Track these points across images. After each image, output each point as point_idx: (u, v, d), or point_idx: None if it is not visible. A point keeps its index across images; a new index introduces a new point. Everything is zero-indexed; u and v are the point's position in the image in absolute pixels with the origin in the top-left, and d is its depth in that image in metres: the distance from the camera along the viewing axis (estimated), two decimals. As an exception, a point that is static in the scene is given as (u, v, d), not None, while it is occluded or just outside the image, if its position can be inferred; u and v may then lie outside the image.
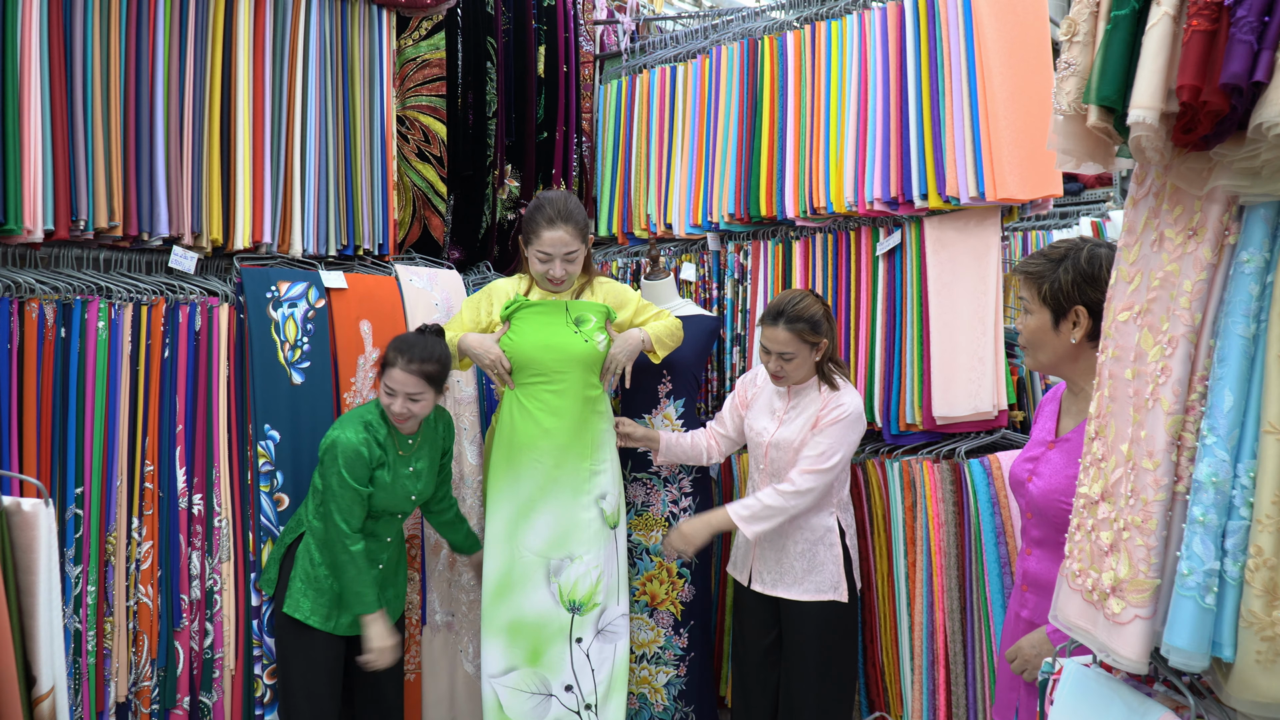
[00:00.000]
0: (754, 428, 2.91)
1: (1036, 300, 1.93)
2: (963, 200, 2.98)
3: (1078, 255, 1.89)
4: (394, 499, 2.73)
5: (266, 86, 3.01)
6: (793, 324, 2.76)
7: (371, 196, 3.29)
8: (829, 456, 2.72)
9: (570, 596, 2.80)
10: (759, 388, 3.00)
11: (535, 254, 2.89)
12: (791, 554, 2.78)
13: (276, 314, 2.94)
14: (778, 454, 2.81)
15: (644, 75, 3.96)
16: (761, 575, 2.84)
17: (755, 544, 2.84)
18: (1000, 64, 2.96)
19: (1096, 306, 1.84)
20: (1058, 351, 1.93)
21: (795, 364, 2.79)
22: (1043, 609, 1.97)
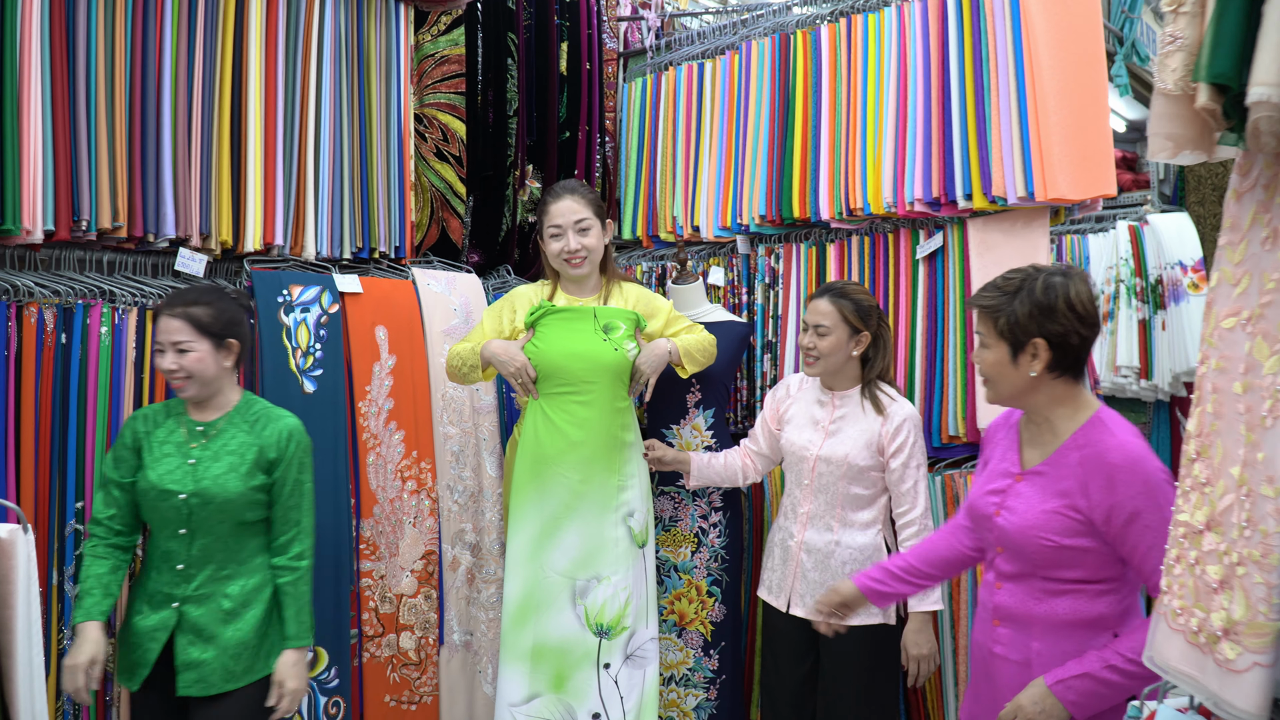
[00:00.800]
0: (796, 441, 2.72)
1: (993, 334, 1.88)
2: (1010, 200, 2.83)
3: (1032, 286, 1.85)
4: (152, 496, 2.22)
5: (279, 82, 2.88)
6: (838, 299, 2.62)
7: (388, 197, 3.15)
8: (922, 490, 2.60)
9: (598, 619, 2.64)
10: (792, 398, 2.83)
11: (548, 233, 2.81)
12: (839, 576, 2.60)
13: (288, 319, 2.81)
14: (828, 469, 2.63)
15: (669, 73, 3.81)
16: (804, 598, 2.66)
17: (798, 566, 2.67)
18: (1050, 56, 2.80)
19: (1055, 338, 1.82)
20: (1017, 385, 1.88)
21: (829, 342, 2.61)
22: (1021, 645, 1.90)
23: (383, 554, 2.93)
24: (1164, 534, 1.56)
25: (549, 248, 2.83)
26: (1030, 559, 1.87)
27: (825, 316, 2.63)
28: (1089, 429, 1.85)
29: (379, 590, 2.92)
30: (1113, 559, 1.83)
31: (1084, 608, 1.84)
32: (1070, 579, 1.85)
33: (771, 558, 2.77)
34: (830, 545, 2.62)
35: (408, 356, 3.04)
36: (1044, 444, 1.91)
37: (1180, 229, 5.23)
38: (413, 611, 2.98)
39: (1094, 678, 1.78)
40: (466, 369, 2.77)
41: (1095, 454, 1.81)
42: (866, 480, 2.60)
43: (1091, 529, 1.81)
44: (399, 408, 3.00)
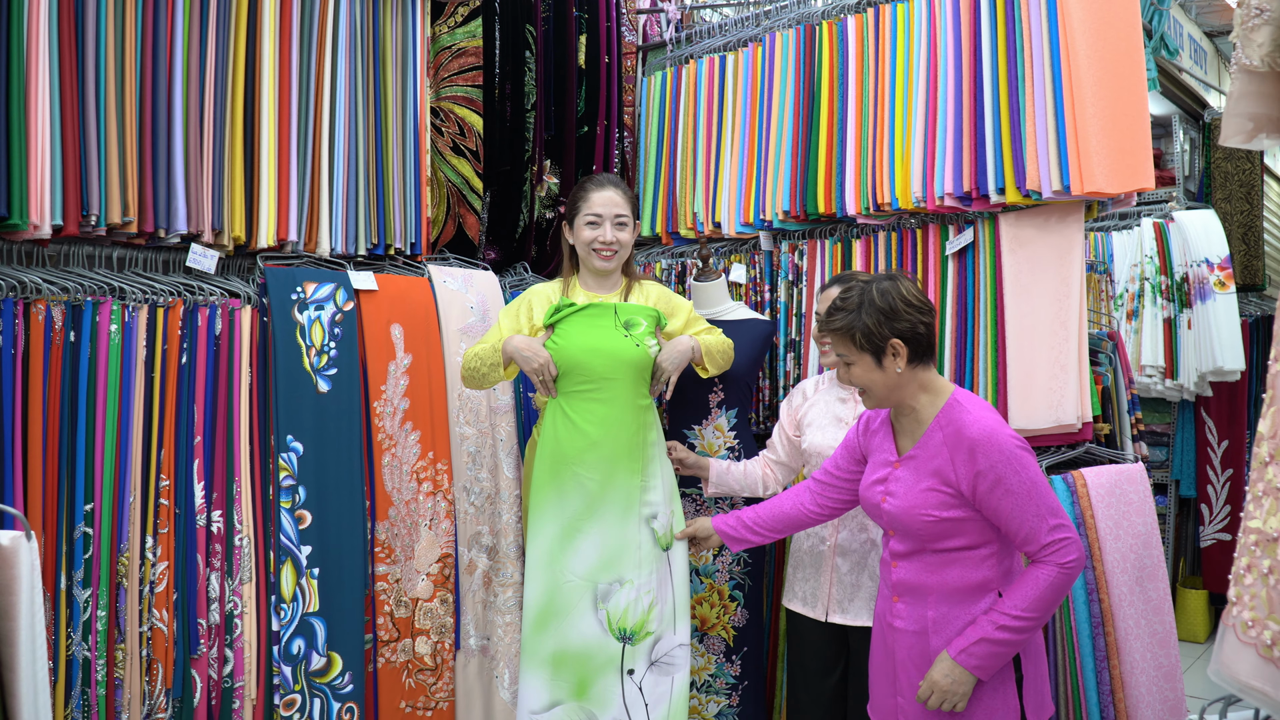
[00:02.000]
0: (820, 443, 2.64)
1: (853, 349, 2.12)
2: (1045, 194, 2.74)
3: (870, 298, 2.08)
4: None
5: (293, 75, 2.82)
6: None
7: (404, 193, 3.09)
8: None
9: (620, 624, 2.56)
10: (809, 400, 2.75)
11: (585, 220, 2.77)
12: (875, 577, 2.52)
13: (302, 317, 2.74)
14: None
15: (690, 66, 3.73)
16: (842, 605, 2.57)
17: (833, 571, 2.58)
18: (1087, 45, 2.71)
19: (906, 334, 2.07)
20: (889, 385, 2.11)
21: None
22: (917, 615, 2.10)
23: (398, 557, 2.86)
24: (1027, 497, 1.97)
25: (581, 235, 2.77)
26: (917, 535, 2.09)
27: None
28: (948, 410, 2.09)
29: (394, 594, 2.85)
30: (988, 525, 2.06)
31: (970, 574, 2.06)
32: (954, 548, 2.06)
33: (801, 568, 2.68)
34: (866, 545, 2.55)
35: (424, 355, 2.97)
36: (913, 431, 2.15)
37: (1207, 226, 5.14)
38: (428, 616, 2.91)
39: (990, 640, 1.99)
40: (486, 369, 2.69)
41: (955, 431, 2.05)
42: None
43: (962, 500, 2.04)
44: (415, 408, 2.93)
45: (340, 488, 2.73)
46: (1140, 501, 2.73)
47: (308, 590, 2.67)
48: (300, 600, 2.66)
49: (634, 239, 2.84)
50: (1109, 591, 2.60)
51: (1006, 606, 1.99)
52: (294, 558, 2.65)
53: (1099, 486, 2.68)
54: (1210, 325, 4.95)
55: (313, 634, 2.66)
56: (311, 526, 2.68)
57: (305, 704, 2.64)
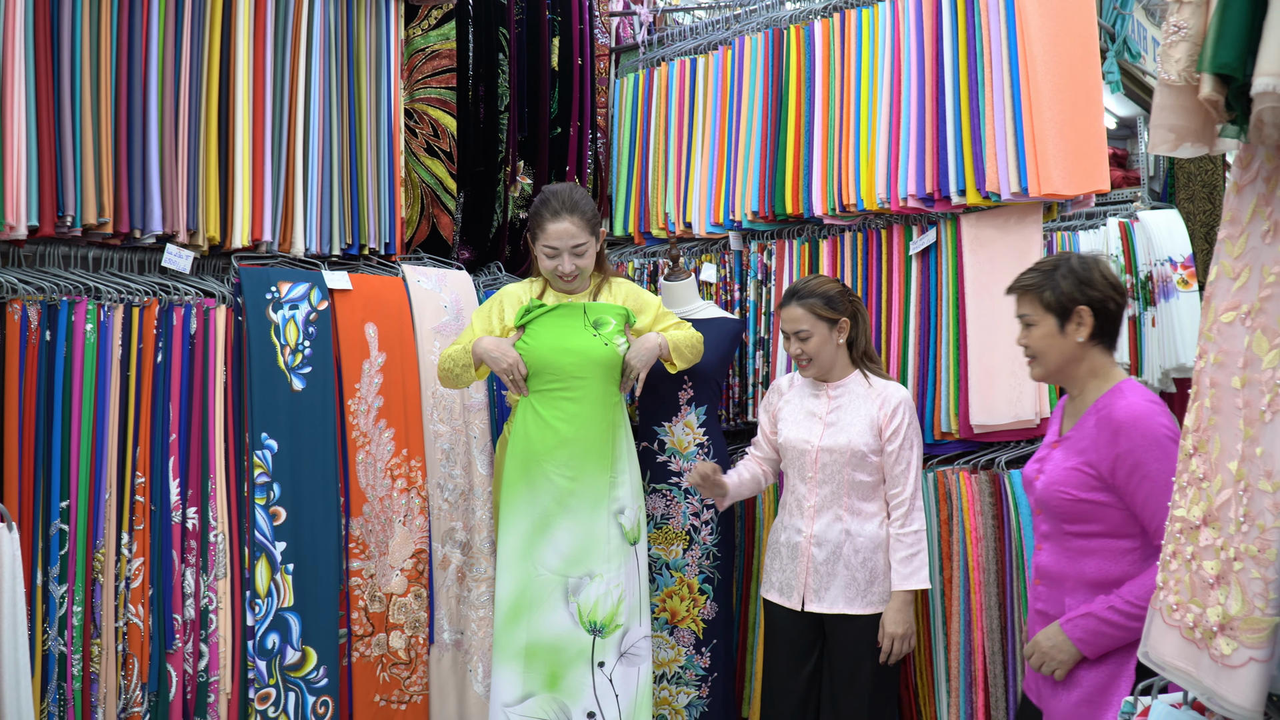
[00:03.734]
0: (794, 436, 2.69)
1: (1039, 309, 2.06)
2: (1004, 196, 2.81)
3: (1068, 261, 2.06)
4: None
5: (268, 76, 2.85)
6: (805, 300, 2.64)
7: (378, 193, 3.13)
8: (914, 470, 2.60)
9: (591, 617, 2.62)
10: (785, 397, 2.81)
11: (542, 250, 2.78)
12: (853, 565, 2.59)
13: (276, 316, 2.78)
14: (831, 458, 2.60)
15: (662, 68, 3.79)
16: (819, 594, 2.62)
17: (809, 561, 2.63)
18: (1044, 51, 2.79)
19: (1097, 304, 2.01)
20: (1065, 354, 2.05)
21: (815, 343, 2.63)
22: (1055, 600, 2.07)
23: (372, 553, 2.91)
24: (1165, 487, 1.69)
25: (542, 264, 2.80)
26: (1055, 514, 2.04)
27: (801, 321, 2.64)
28: (1109, 395, 2.01)
29: (368, 589, 2.89)
30: (1130, 517, 1.96)
31: (1108, 568, 1.98)
32: (1092, 533, 1.99)
33: (778, 558, 2.72)
34: (841, 536, 2.59)
35: (398, 354, 3.02)
36: (1075, 413, 2.09)
37: (1170, 226, 5.24)
38: (402, 610, 2.95)
39: (1097, 616, 1.95)
40: (459, 369, 2.74)
41: (1107, 414, 1.97)
42: (870, 466, 2.60)
43: (1104, 483, 1.96)
44: (389, 405, 2.98)
45: (314, 484, 2.77)
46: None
47: (282, 586, 2.71)
48: (275, 595, 2.70)
49: (599, 248, 2.86)
50: (1065, 582, 2.67)
51: (1126, 593, 1.94)
52: (269, 553, 2.69)
53: (1056, 480, 2.75)
54: (1174, 323, 5.04)
55: (287, 629, 2.70)
56: (286, 523, 2.72)
57: (280, 698, 2.68)
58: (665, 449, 3.09)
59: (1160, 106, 1.18)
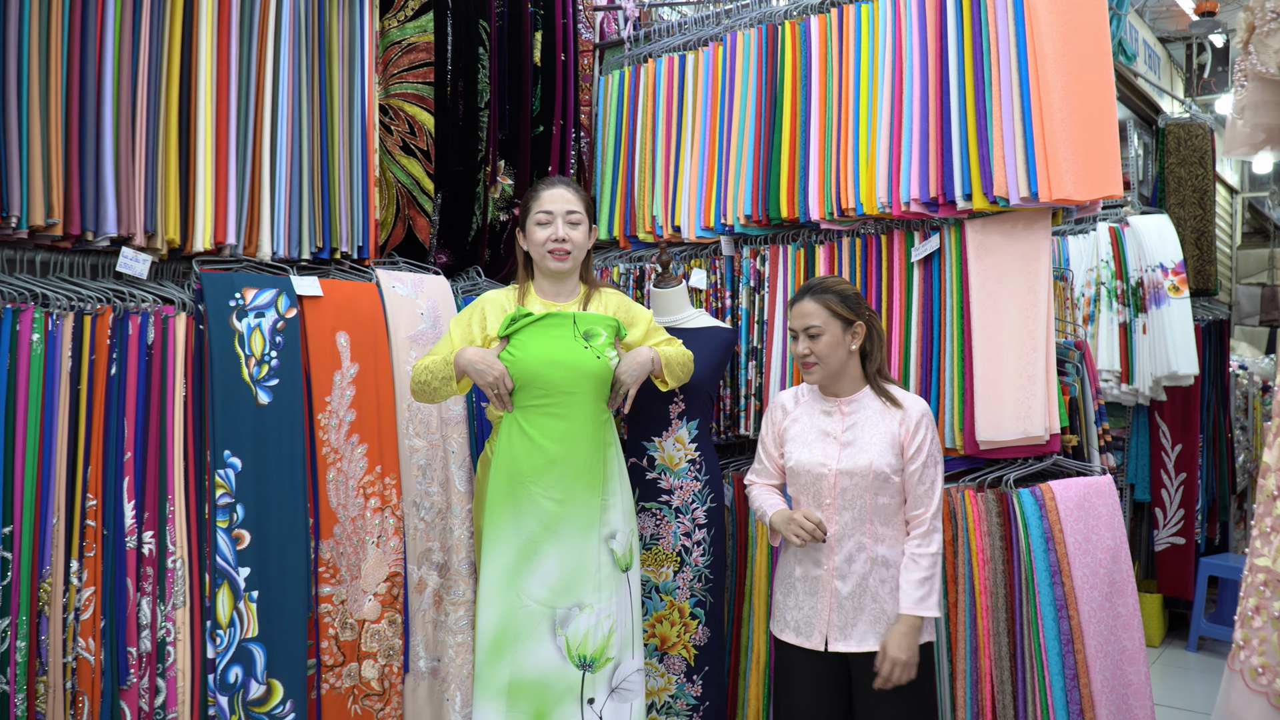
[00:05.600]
0: (807, 460, 2.43)
1: None
2: (1013, 201, 2.68)
3: None
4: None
5: (232, 69, 2.67)
6: (820, 295, 2.44)
7: (350, 194, 2.94)
8: (938, 488, 2.40)
9: (580, 651, 2.45)
10: (790, 415, 2.56)
11: (535, 219, 2.64)
12: (880, 596, 2.37)
13: (241, 324, 2.59)
14: (851, 482, 2.38)
15: (649, 65, 3.63)
16: (845, 632, 2.38)
17: (832, 596, 2.39)
18: (1055, 50, 2.65)
19: None
20: None
21: (825, 343, 2.41)
22: None
23: (343, 577, 2.73)
24: None
25: (533, 236, 2.65)
26: None
27: (813, 316, 2.43)
28: None
29: (339, 616, 2.71)
30: None
31: None
32: None
33: (792, 593, 2.46)
34: (866, 566, 2.37)
35: (371, 364, 2.84)
36: None
37: (1161, 231, 5.15)
38: (376, 638, 2.77)
39: None
40: (438, 382, 2.56)
41: None
42: (892, 488, 2.38)
43: None
44: (361, 419, 2.80)
45: (281, 505, 2.59)
46: (1109, 515, 2.68)
47: (246, 614, 2.52)
48: (238, 625, 2.51)
49: (591, 242, 2.73)
50: (1078, 608, 2.54)
51: None
52: (231, 580, 2.50)
53: (1067, 500, 2.62)
54: (1165, 330, 4.96)
55: (251, 661, 2.51)
56: (250, 546, 2.53)
57: (244, 734, 2.50)
58: (655, 465, 2.93)
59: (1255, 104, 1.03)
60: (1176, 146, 5.51)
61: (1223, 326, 5.69)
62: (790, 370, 3.11)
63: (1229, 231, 8.17)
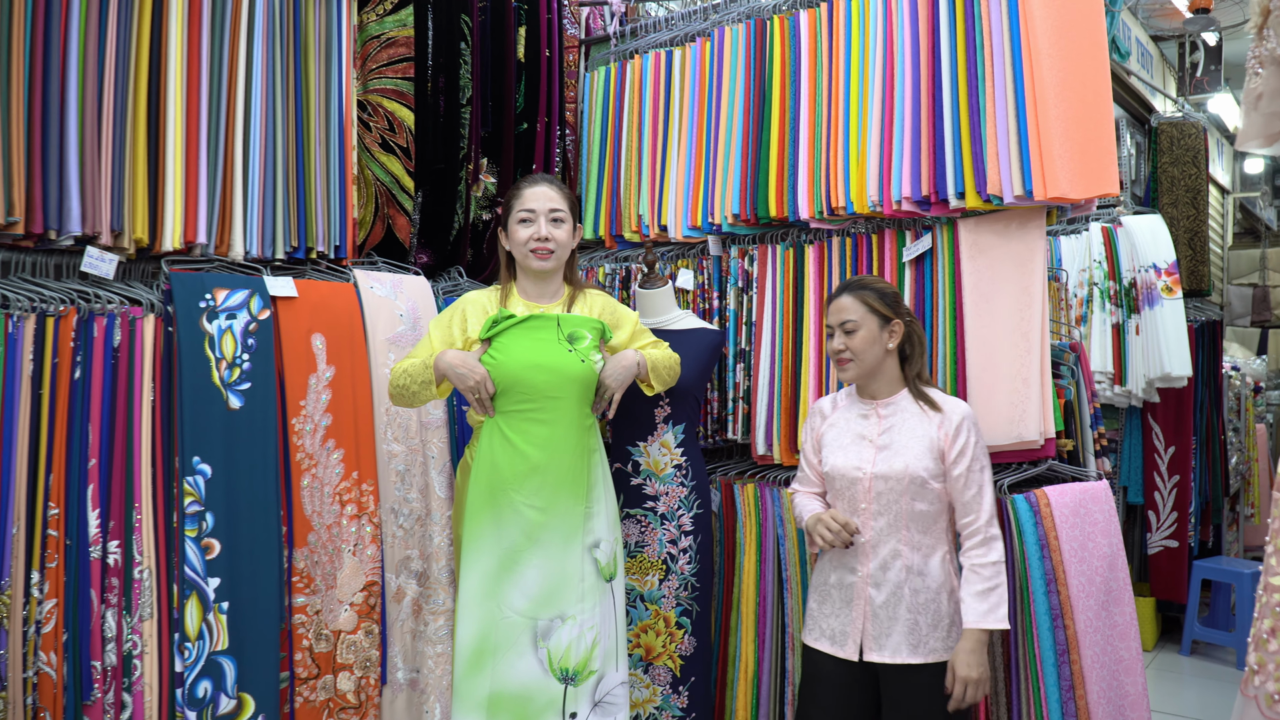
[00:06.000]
0: (842, 464, 2.37)
1: None
2: (1007, 199, 2.61)
3: None
4: None
5: (203, 63, 2.59)
6: (858, 291, 2.39)
7: (327, 191, 2.86)
8: (987, 493, 2.31)
9: (562, 664, 2.37)
10: (828, 419, 2.49)
11: (517, 218, 2.57)
12: (915, 607, 2.28)
13: (211, 326, 2.51)
14: (886, 486, 2.30)
15: (635, 61, 3.55)
16: (879, 642, 2.31)
17: (866, 604, 2.32)
18: (1049, 44, 2.59)
19: None
20: None
21: (861, 339, 2.34)
22: None
23: (318, 586, 2.64)
24: None
25: (515, 235, 2.57)
26: None
27: (850, 311, 2.37)
28: None
29: (314, 627, 2.63)
30: None
31: None
32: None
33: (828, 601, 2.38)
34: (901, 574, 2.29)
35: (348, 367, 2.76)
36: None
37: (1154, 231, 5.09)
38: (352, 649, 2.69)
39: None
40: (417, 386, 2.48)
41: None
42: (930, 494, 2.29)
43: None
44: (338, 424, 2.72)
45: (253, 513, 2.50)
46: (1105, 521, 2.61)
47: (215, 626, 2.43)
48: (207, 638, 2.42)
49: (575, 242, 2.66)
50: (1074, 617, 2.47)
51: None
52: (200, 591, 2.42)
53: (1062, 506, 2.55)
54: (1158, 331, 4.91)
55: (221, 674, 2.43)
56: (220, 556, 2.45)
57: (214, 750, 2.41)
58: (640, 471, 2.86)
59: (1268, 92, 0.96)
60: (1169, 146, 5.46)
61: (1216, 327, 5.64)
62: (780, 373, 3.04)
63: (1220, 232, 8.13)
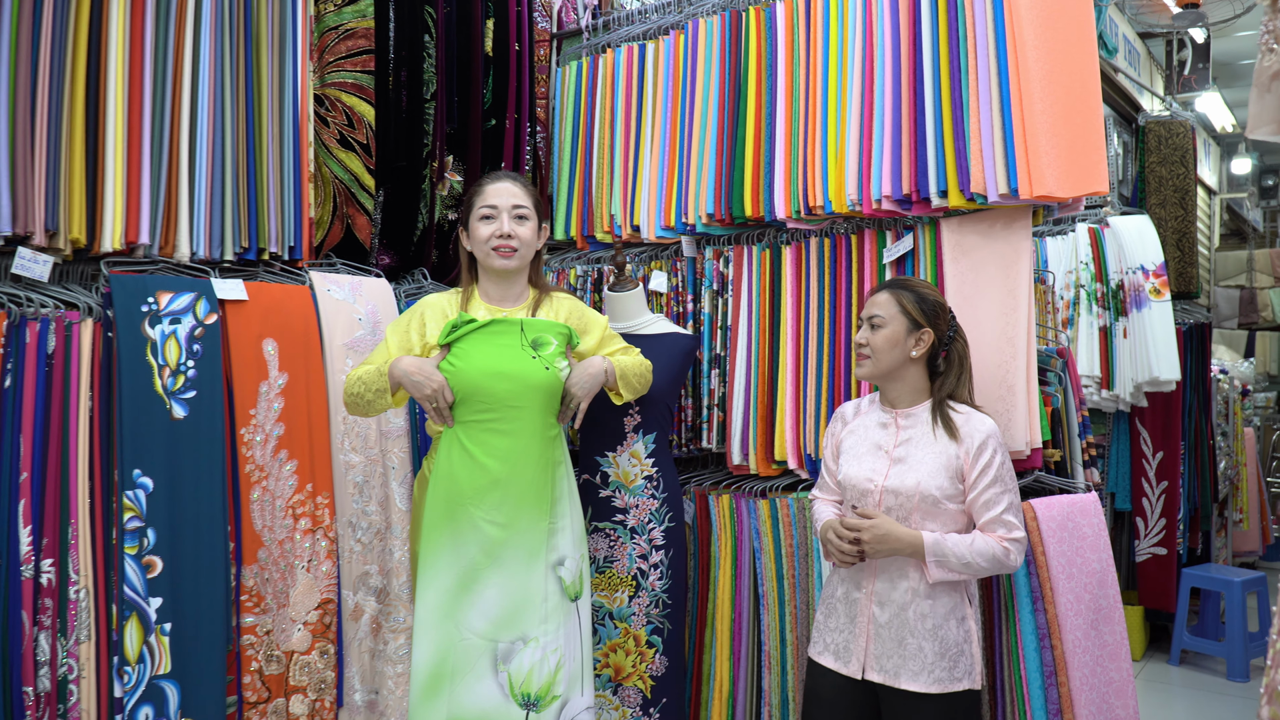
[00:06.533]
0: (855, 474, 2.26)
1: None
2: (991, 198, 2.49)
3: None
4: None
5: (146, 54, 2.45)
6: (898, 290, 2.28)
7: (281, 190, 2.73)
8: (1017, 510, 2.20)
9: (524, 689, 2.25)
10: (848, 425, 2.38)
11: (478, 214, 2.45)
12: (918, 632, 2.15)
13: (154, 331, 2.38)
14: (896, 502, 2.18)
15: (608, 55, 3.43)
16: (880, 661, 2.18)
17: (870, 623, 2.21)
18: (1036, 35, 2.48)
19: None
20: None
21: (883, 337, 2.23)
22: None
23: (269, 605, 2.51)
24: None
25: (476, 233, 2.45)
26: None
27: (881, 307, 2.27)
28: None
29: (264, 648, 2.50)
30: None
31: None
32: None
33: (835, 615, 2.29)
34: (906, 596, 2.17)
35: (302, 374, 2.63)
36: None
37: (1142, 232, 5.00)
38: (305, 671, 2.56)
39: None
40: (371, 395, 2.35)
41: None
42: (945, 515, 2.17)
43: None
44: (291, 434, 2.58)
45: (198, 529, 2.37)
46: (1094, 535, 2.50)
47: (157, 649, 2.30)
48: (148, 661, 2.29)
49: (540, 241, 2.53)
50: (1062, 637, 2.36)
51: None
52: (141, 612, 2.28)
53: (1050, 520, 2.44)
54: (1146, 334, 4.81)
55: (163, 700, 2.29)
56: (163, 574, 2.31)
57: (156, 780, 2.28)
58: (609, 482, 2.73)
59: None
60: (1157, 145, 5.36)
61: (1204, 330, 5.55)
62: (756, 379, 2.92)
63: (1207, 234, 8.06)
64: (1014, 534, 2.16)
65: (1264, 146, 10.22)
